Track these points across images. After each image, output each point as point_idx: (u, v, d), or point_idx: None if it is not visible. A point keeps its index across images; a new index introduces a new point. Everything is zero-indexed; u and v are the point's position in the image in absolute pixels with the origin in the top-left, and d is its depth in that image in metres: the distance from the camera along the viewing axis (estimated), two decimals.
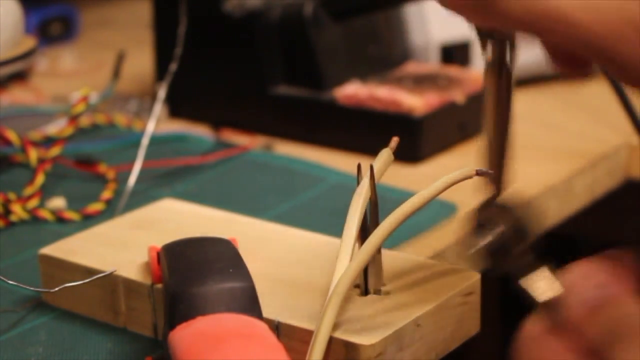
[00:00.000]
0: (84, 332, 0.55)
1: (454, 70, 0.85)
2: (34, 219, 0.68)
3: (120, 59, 0.85)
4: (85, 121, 0.84)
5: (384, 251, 0.51)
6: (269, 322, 0.48)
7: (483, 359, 1.09)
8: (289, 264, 0.54)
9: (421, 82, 0.82)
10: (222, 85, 0.87)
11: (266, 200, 0.71)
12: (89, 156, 0.77)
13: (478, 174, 0.46)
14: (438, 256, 0.64)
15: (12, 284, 0.56)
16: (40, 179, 0.71)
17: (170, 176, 0.75)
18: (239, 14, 0.85)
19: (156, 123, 0.77)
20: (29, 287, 0.56)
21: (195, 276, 0.48)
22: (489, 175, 0.46)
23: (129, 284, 0.54)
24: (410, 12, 0.88)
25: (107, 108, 0.89)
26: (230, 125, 0.86)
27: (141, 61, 1.00)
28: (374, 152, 0.52)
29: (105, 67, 1.01)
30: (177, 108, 0.89)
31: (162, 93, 0.78)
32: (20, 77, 1.01)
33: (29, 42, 0.76)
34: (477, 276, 0.51)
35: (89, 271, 0.54)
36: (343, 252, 0.49)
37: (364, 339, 0.46)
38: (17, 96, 0.97)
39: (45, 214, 0.68)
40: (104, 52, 1.09)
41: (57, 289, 0.54)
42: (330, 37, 0.83)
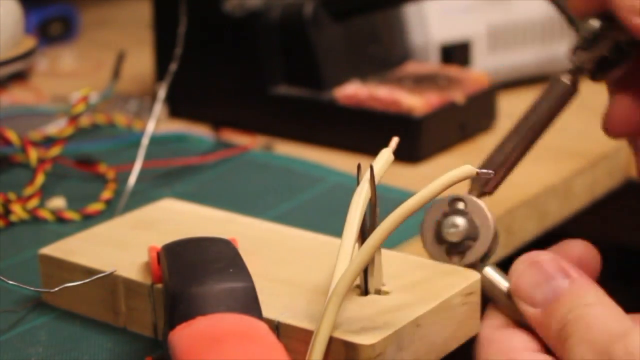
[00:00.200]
0: (84, 332, 0.54)
1: (454, 70, 0.85)
2: (34, 219, 0.68)
3: (120, 59, 0.85)
4: (85, 121, 0.84)
5: (384, 251, 0.51)
6: (269, 322, 0.48)
7: None
8: (289, 264, 0.54)
9: (421, 82, 0.82)
10: (222, 85, 0.87)
11: (266, 200, 0.71)
12: (89, 156, 0.77)
13: (478, 174, 0.46)
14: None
15: (12, 284, 0.56)
16: (40, 179, 0.71)
17: (170, 176, 0.75)
18: (239, 14, 0.85)
19: (156, 123, 0.77)
20: (29, 287, 0.56)
21: (195, 276, 0.48)
22: (489, 174, 0.46)
23: (129, 284, 0.54)
24: (410, 12, 0.88)
25: (107, 108, 0.89)
26: (230, 125, 0.86)
27: (141, 61, 1.00)
28: (374, 152, 0.52)
29: (105, 67, 1.01)
30: (177, 108, 0.89)
31: (162, 93, 0.78)
32: (20, 77, 1.01)
33: (29, 42, 0.76)
34: (477, 276, 0.51)
35: (89, 271, 0.54)
36: (343, 252, 0.49)
37: (364, 339, 0.46)
38: (17, 96, 0.97)
39: (45, 214, 0.68)
40: (104, 52, 1.09)
41: (57, 289, 0.54)
42: (330, 37, 0.83)
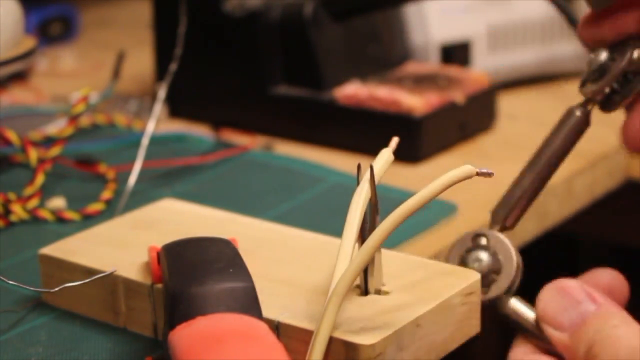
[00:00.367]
0: (84, 332, 0.54)
1: (454, 70, 0.85)
2: (34, 219, 0.68)
3: (120, 59, 0.85)
4: (85, 121, 0.84)
5: (384, 251, 0.51)
6: (269, 322, 0.48)
7: (483, 359, 1.08)
8: (289, 264, 0.54)
9: (421, 82, 0.82)
10: (222, 85, 0.87)
11: (266, 200, 0.71)
12: (89, 156, 0.77)
13: (478, 174, 0.46)
14: (438, 256, 0.64)
15: (12, 284, 0.56)
16: (40, 179, 0.71)
17: (170, 176, 0.75)
18: (239, 14, 0.85)
19: (156, 123, 0.77)
20: (29, 287, 0.56)
21: (195, 276, 0.48)
22: (489, 174, 0.46)
23: (129, 284, 0.54)
24: (410, 12, 0.88)
25: (107, 108, 0.89)
26: (230, 125, 0.86)
27: (141, 61, 1.00)
28: (374, 152, 0.52)
29: (105, 67, 1.01)
30: (177, 108, 0.89)
31: (162, 93, 0.78)
32: (20, 77, 1.01)
33: (29, 42, 0.76)
34: (477, 276, 0.51)
35: (89, 271, 0.54)
36: (343, 252, 0.49)
37: (364, 339, 0.46)
38: (17, 96, 0.97)
39: (45, 214, 0.68)
40: (104, 52, 1.09)
41: (57, 289, 0.54)
42: (330, 37, 0.83)
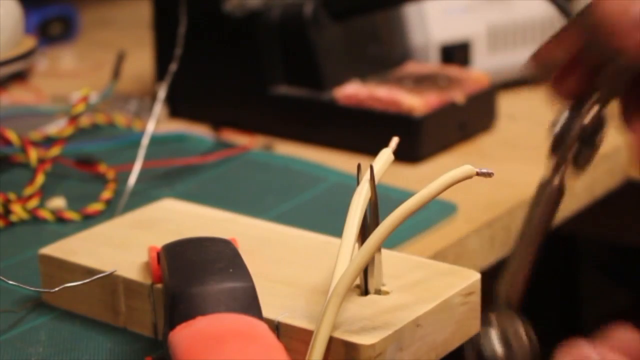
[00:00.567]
0: (84, 332, 0.54)
1: (454, 70, 0.85)
2: (34, 219, 0.68)
3: (120, 59, 0.85)
4: (85, 121, 0.84)
5: (384, 251, 0.51)
6: (269, 322, 0.48)
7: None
8: (289, 264, 0.54)
9: (421, 82, 0.82)
10: (222, 85, 0.87)
11: (266, 200, 0.71)
12: (89, 156, 0.77)
13: (478, 174, 0.46)
14: (438, 256, 0.64)
15: (12, 284, 0.56)
16: (40, 179, 0.71)
17: (171, 176, 0.75)
18: (239, 14, 0.85)
19: (156, 123, 0.77)
20: (29, 287, 0.56)
21: (195, 276, 0.48)
22: (489, 174, 0.46)
23: (129, 284, 0.54)
24: (410, 12, 0.88)
25: (107, 108, 0.89)
26: (230, 125, 0.86)
27: (141, 61, 1.00)
28: (374, 152, 0.52)
29: (105, 67, 1.01)
30: (177, 108, 0.89)
31: (162, 93, 0.78)
32: (20, 77, 1.01)
33: (29, 42, 0.76)
34: (477, 276, 0.51)
35: (89, 271, 0.54)
36: (343, 252, 0.49)
37: (364, 339, 0.46)
38: (17, 96, 0.97)
39: (45, 214, 0.68)
40: (104, 52, 1.09)
41: (57, 289, 0.54)
42: (330, 37, 0.83)
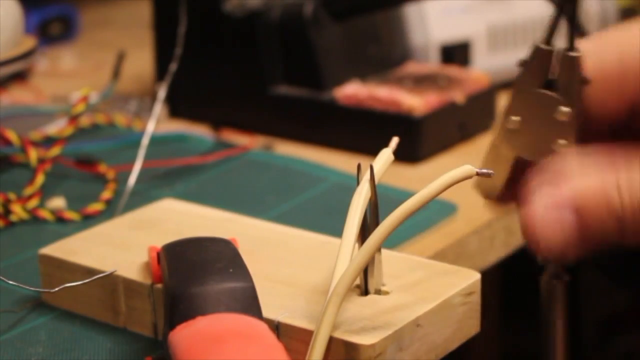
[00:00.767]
0: (84, 332, 0.54)
1: (454, 70, 0.85)
2: (34, 219, 0.68)
3: (120, 59, 0.85)
4: (85, 121, 0.84)
5: (384, 251, 0.51)
6: (269, 322, 0.48)
7: (483, 359, 1.09)
8: (289, 264, 0.54)
9: (421, 82, 0.82)
10: (222, 85, 0.87)
11: (266, 200, 0.71)
12: (89, 156, 0.77)
13: (478, 174, 0.46)
14: (438, 256, 0.64)
15: (12, 284, 0.56)
16: (40, 179, 0.71)
17: (171, 176, 0.75)
18: (239, 14, 0.85)
19: (156, 123, 0.77)
20: (29, 287, 0.56)
21: (195, 276, 0.48)
22: (489, 175, 0.46)
23: (129, 284, 0.54)
24: (410, 12, 0.88)
25: (107, 108, 0.89)
26: (230, 125, 0.86)
27: (141, 61, 1.00)
28: (374, 152, 0.52)
29: (105, 67, 1.01)
30: (177, 108, 0.89)
31: (162, 93, 0.78)
32: (20, 77, 1.01)
33: (29, 42, 0.76)
34: (477, 276, 0.51)
35: (89, 271, 0.54)
36: (343, 252, 0.49)
37: (364, 339, 0.46)
38: (17, 96, 0.97)
39: (45, 214, 0.68)
40: (104, 52, 1.09)
41: (57, 289, 0.54)
42: (330, 37, 0.83)
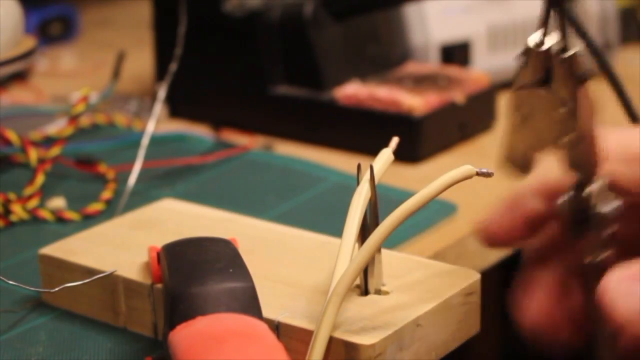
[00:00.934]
0: (84, 332, 0.54)
1: (454, 70, 0.85)
2: (34, 219, 0.68)
3: (120, 59, 0.85)
4: (85, 121, 0.84)
5: (384, 251, 0.51)
6: (269, 322, 0.48)
7: (483, 359, 1.09)
8: (289, 264, 0.54)
9: (421, 82, 0.82)
10: (222, 85, 0.87)
11: (266, 200, 0.71)
12: (89, 156, 0.77)
13: (478, 174, 0.46)
14: (438, 256, 0.64)
15: (12, 284, 0.56)
16: (40, 179, 0.71)
17: (171, 176, 0.75)
18: (239, 14, 0.85)
19: (156, 123, 0.77)
20: (29, 287, 0.56)
21: (195, 276, 0.48)
22: (489, 175, 0.46)
23: (129, 284, 0.54)
24: (410, 12, 0.88)
25: (107, 108, 0.89)
26: (230, 125, 0.86)
27: (141, 61, 1.00)
28: (374, 152, 0.52)
29: (105, 67, 1.01)
30: (177, 108, 0.89)
31: (162, 93, 0.78)
32: (20, 77, 1.01)
33: (29, 42, 0.76)
34: (477, 276, 0.51)
35: (89, 271, 0.54)
36: (343, 252, 0.49)
37: (364, 339, 0.46)
38: (17, 96, 0.97)
39: (45, 214, 0.68)
40: (104, 52, 1.09)
41: (57, 289, 0.54)
42: (330, 37, 0.83)
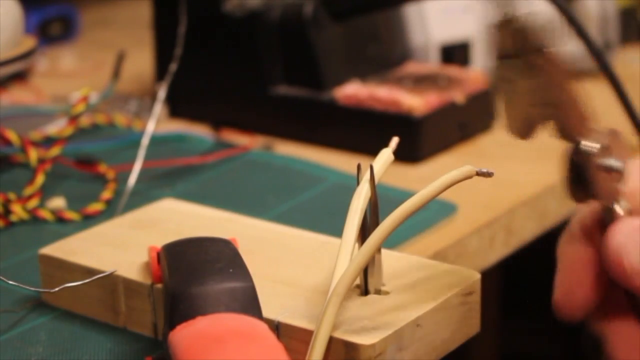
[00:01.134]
0: (84, 332, 0.54)
1: (454, 70, 0.85)
2: (34, 219, 0.68)
3: (120, 59, 0.85)
4: (85, 121, 0.84)
5: (384, 251, 0.51)
6: (269, 322, 0.48)
7: (483, 359, 1.09)
8: (289, 264, 0.54)
9: (421, 82, 0.82)
10: (222, 85, 0.87)
11: (266, 200, 0.71)
12: (89, 156, 0.77)
13: (478, 174, 0.46)
14: (438, 256, 0.64)
15: (12, 284, 0.56)
16: (40, 179, 0.71)
17: (171, 176, 0.75)
18: (239, 14, 0.85)
19: (156, 123, 0.77)
20: (29, 287, 0.56)
21: (195, 276, 0.48)
22: (489, 175, 0.46)
23: (129, 284, 0.54)
24: (410, 12, 0.88)
25: (107, 108, 0.89)
26: (230, 125, 0.86)
27: (141, 61, 1.00)
28: (374, 152, 0.52)
29: (105, 67, 1.01)
30: (177, 108, 0.89)
31: (162, 93, 0.78)
32: (20, 77, 1.01)
33: (29, 42, 0.76)
34: (477, 276, 0.51)
35: (89, 271, 0.54)
36: (343, 252, 0.49)
37: (364, 339, 0.46)
38: (17, 96, 0.97)
39: (45, 214, 0.68)
40: (104, 52, 1.09)
41: (57, 289, 0.54)
42: (330, 37, 0.83)
